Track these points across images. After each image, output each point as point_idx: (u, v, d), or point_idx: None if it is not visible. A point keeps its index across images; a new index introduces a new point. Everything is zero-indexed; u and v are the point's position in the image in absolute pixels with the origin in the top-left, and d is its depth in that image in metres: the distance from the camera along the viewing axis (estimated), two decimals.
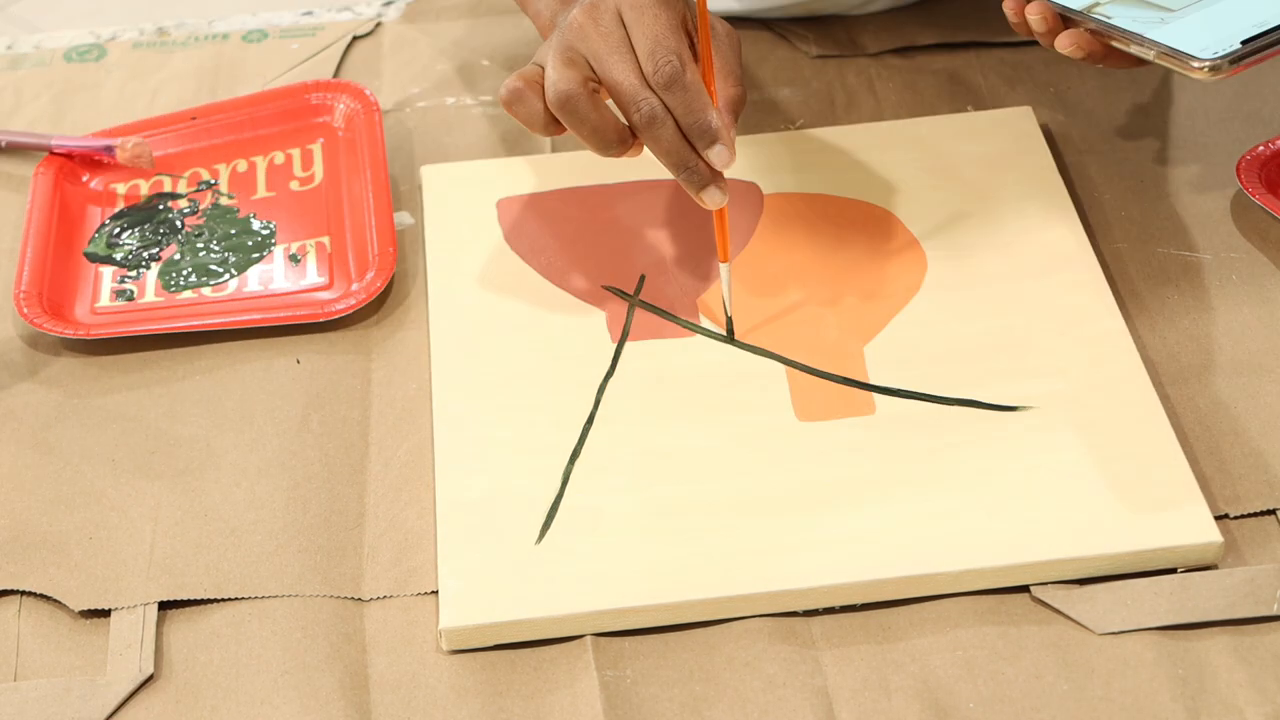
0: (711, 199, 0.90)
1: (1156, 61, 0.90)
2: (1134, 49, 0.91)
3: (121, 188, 1.08)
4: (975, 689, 0.79)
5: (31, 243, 1.02)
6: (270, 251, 1.02)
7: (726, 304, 0.94)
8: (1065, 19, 0.93)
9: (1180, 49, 0.89)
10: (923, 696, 0.79)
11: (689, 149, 0.89)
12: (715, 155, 0.88)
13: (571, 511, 0.86)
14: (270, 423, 0.93)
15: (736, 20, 1.15)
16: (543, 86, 0.91)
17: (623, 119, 0.90)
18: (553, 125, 0.91)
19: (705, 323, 0.95)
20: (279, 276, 1.01)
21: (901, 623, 0.82)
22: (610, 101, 0.90)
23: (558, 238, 1.01)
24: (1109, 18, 0.91)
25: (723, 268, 0.94)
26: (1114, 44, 0.92)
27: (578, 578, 0.83)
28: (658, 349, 0.94)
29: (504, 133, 1.10)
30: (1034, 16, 0.93)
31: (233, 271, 1.01)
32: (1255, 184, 1.00)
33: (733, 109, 0.91)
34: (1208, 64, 0.88)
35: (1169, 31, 0.90)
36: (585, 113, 0.89)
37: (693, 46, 0.90)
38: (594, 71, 0.89)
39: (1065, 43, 0.92)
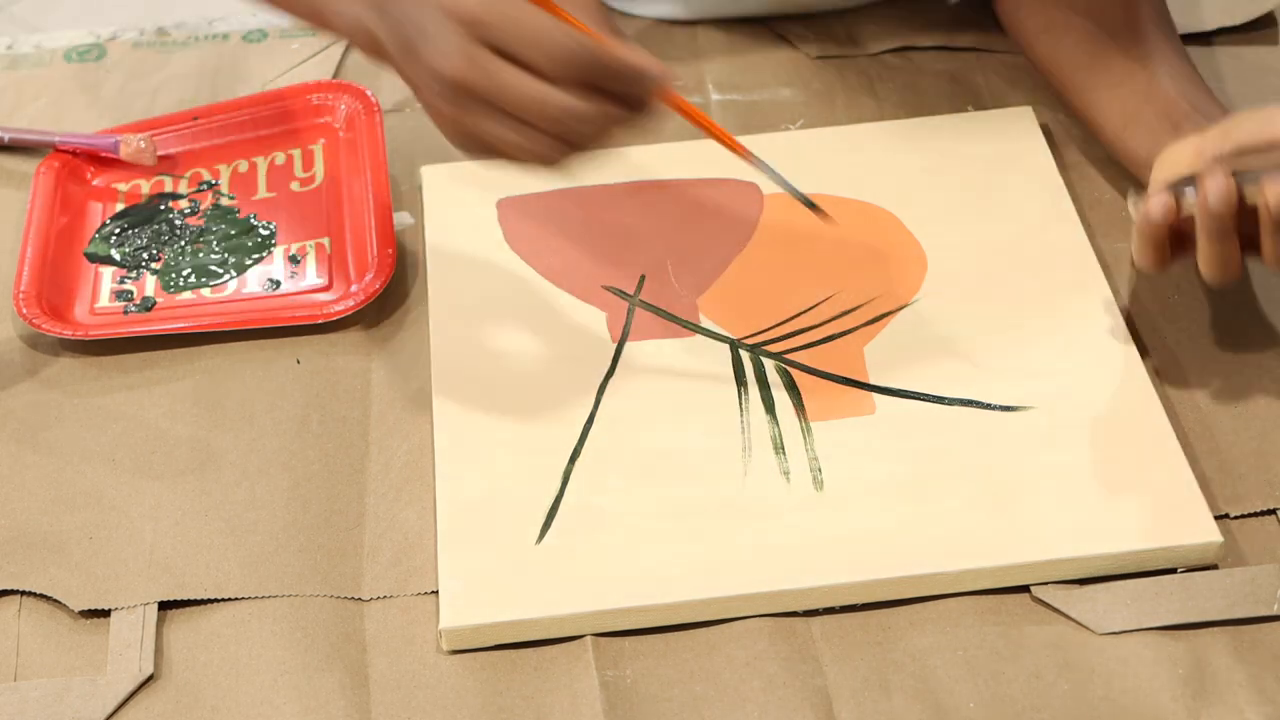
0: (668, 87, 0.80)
1: None
2: None
3: (123, 187, 1.08)
4: (975, 689, 0.79)
5: (32, 242, 1.02)
6: (270, 252, 1.02)
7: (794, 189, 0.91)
8: None
9: None
10: (923, 696, 0.79)
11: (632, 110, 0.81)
12: (659, 81, 0.81)
13: (571, 511, 0.86)
14: (270, 423, 0.93)
15: (737, 21, 1.15)
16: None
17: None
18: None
19: (705, 323, 0.95)
20: (279, 277, 1.01)
21: (901, 623, 0.82)
22: None
23: (558, 238, 1.01)
24: None
25: (756, 154, 0.88)
26: None
27: (578, 578, 0.83)
28: (658, 349, 0.94)
29: None
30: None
31: (232, 272, 1.01)
32: None
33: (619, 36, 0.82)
34: None
35: None
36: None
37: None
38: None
39: None
